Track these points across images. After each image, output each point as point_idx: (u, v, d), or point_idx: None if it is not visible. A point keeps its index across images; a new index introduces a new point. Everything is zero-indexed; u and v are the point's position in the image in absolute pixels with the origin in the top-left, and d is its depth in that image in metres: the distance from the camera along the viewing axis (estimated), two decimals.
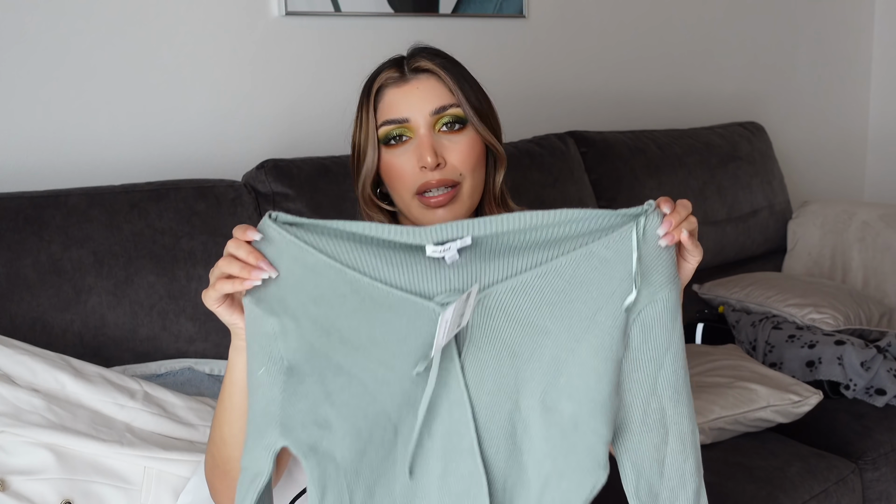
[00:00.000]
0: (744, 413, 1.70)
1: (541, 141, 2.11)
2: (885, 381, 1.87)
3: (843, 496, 1.68)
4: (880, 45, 3.28)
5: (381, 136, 1.12)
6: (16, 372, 1.24)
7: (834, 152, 3.27)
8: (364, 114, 1.14)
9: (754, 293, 2.19)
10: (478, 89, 1.15)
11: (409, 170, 1.10)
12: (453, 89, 1.11)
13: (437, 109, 1.10)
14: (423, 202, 1.11)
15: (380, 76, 1.14)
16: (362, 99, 1.15)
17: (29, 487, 1.16)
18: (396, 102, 1.11)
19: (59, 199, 1.49)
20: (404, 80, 1.12)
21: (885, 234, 2.42)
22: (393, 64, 1.14)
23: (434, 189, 1.10)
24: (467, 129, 1.12)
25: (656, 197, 0.93)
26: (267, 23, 1.89)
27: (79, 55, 1.68)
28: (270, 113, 1.92)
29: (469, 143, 1.12)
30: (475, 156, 1.13)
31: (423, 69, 1.12)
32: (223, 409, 0.98)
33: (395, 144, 1.11)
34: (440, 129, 1.11)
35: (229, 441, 0.98)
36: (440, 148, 1.10)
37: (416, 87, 1.11)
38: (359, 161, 1.15)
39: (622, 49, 2.56)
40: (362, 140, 1.14)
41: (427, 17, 2.11)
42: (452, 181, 1.10)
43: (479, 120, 1.12)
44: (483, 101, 1.15)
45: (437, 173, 1.09)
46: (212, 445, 1.02)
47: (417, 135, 1.10)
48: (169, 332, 1.52)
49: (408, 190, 1.11)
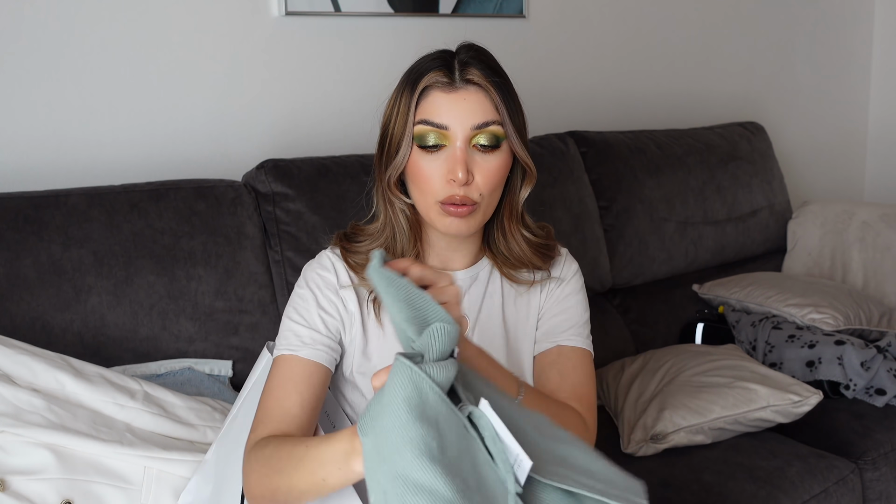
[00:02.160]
0: (744, 413, 1.70)
1: (541, 141, 2.11)
2: (885, 381, 1.88)
3: (843, 496, 1.68)
4: (880, 45, 3.28)
5: (416, 134, 1.11)
6: (16, 372, 1.24)
7: (834, 152, 3.27)
8: (403, 104, 1.12)
9: (754, 293, 2.19)
10: (518, 106, 1.15)
11: (437, 178, 1.10)
12: (499, 106, 1.10)
13: (480, 125, 1.10)
14: (442, 209, 1.12)
15: (429, 74, 1.11)
16: (405, 88, 1.13)
17: (29, 487, 1.16)
18: (440, 108, 1.10)
19: (59, 199, 1.49)
20: (453, 87, 1.10)
21: (885, 234, 2.42)
22: (443, 64, 1.12)
23: (457, 202, 1.11)
24: (501, 148, 1.12)
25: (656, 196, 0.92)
26: (267, 23, 1.89)
27: (79, 55, 1.68)
28: (270, 113, 1.92)
29: (498, 164, 1.12)
30: (500, 177, 1.13)
31: (474, 82, 1.10)
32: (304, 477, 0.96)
33: (429, 150, 1.11)
34: (475, 144, 1.10)
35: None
36: (471, 164, 1.10)
37: (463, 98, 1.10)
38: (389, 149, 1.14)
39: (622, 49, 2.56)
40: (397, 131, 1.13)
41: (427, 17, 2.11)
42: (473, 201, 1.11)
43: (518, 137, 1.12)
44: (522, 118, 1.15)
45: (462, 189, 1.10)
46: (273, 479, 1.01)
47: (453, 146, 1.10)
48: (169, 332, 1.52)
49: (431, 195, 1.12)
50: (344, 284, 1.19)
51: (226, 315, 1.57)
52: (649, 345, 2.16)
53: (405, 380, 0.78)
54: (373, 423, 0.80)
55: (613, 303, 2.22)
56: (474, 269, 1.24)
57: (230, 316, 1.58)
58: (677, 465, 1.65)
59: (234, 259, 1.60)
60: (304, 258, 1.66)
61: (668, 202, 2.27)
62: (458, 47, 1.15)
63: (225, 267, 1.58)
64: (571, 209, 2.08)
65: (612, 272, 2.20)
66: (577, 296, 1.28)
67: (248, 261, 1.61)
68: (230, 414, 1.31)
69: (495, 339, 1.23)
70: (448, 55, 1.14)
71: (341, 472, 0.90)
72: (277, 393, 1.12)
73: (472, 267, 1.24)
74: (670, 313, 2.25)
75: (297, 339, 1.15)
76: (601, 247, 2.15)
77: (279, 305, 1.66)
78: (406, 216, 1.17)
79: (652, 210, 2.24)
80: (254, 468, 1.05)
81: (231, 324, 1.58)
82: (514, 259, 1.22)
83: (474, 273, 1.24)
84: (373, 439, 0.79)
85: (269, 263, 1.67)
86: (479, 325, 1.23)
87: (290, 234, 1.69)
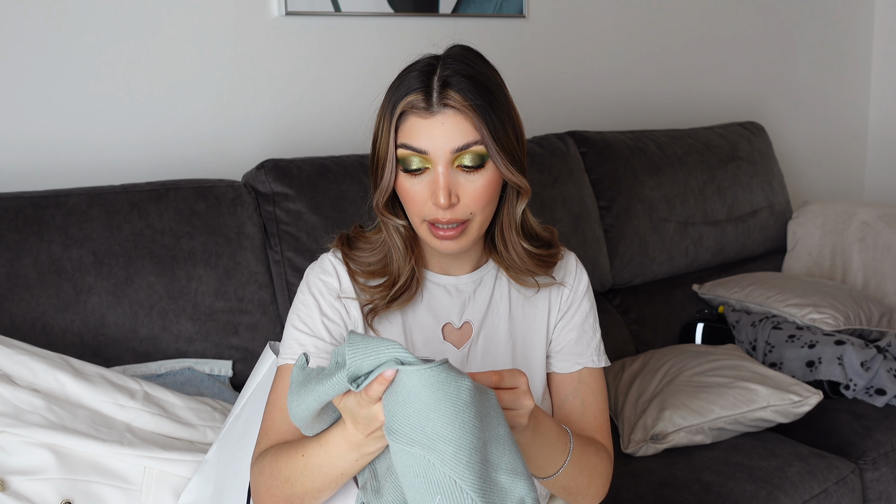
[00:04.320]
0: (744, 413, 1.70)
1: (541, 141, 2.11)
2: (885, 381, 1.88)
3: (843, 496, 1.68)
4: (880, 45, 3.28)
5: (399, 157, 1.09)
6: (16, 372, 1.24)
7: (834, 152, 3.27)
8: (385, 125, 1.10)
9: (754, 293, 2.19)
10: (507, 121, 1.10)
11: (421, 199, 1.09)
12: (478, 126, 1.06)
13: (460, 147, 1.07)
14: (432, 230, 1.10)
15: (405, 99, 1.08)
16: (385, 109, 1.11)
17: (29, 487, 1.16)
18: (419, 132, 1.07)
19: (59, 199, 1.49)
20: (430, 112, 1.06)
21: (885, 234, 2.42)
22: (421, 86, 1.07)
23: (443, 224, 1.09)
24: (486, 166, 1.09)
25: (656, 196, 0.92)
26: (267, 23, 1.89)
27: (79, 56, 1.68)
28: (270, 113, 1.92)
29: (485, 183, 1.09)
30: (489, 194, 1.10)
31: (451, 105, 1.06)
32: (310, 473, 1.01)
33: (413, 173, 1.09)
34: (458, 165, 1.08)
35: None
36: (455, 186, 1.08)
37: (440, 123, 1.06)
38: (377, 171, 1.13)
39: (622, 49, 2.56)
40: (381, 153, 1.11)
41: (427, 17, 2.11)
42: (462, 220, 1.09)
43: (503, 156, 1.08)
44: (511, 132, 1.10)
45: (448, 213, 1.08)
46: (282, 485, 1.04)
47: (435, 169, 1.07)
48: (169, 332, 1.52)
49: (418, 215, 1.10)
50: (346, 289, 1.18)
51: (226, 315, 1.57)
52: (649, 345, 2.16)
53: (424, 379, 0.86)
54: (400, 427, 0.86)
55: (613, 303, 2.22)
56: (478, 274, 1.22)
57: (230, 316, 1.58)
58: (677, 465, 1.65)
59: (234, 259, 1.59)
60: (304, 258, 1.67)
61: (668, 202, 2.27)
62: (445, 54, 1.12)
63: (225, 267, 1.58)
64: (571, 209, 2.08)
65: (612, 272, 2.20)
66: (592, 312, 1.27)
67: (248, 261, 1.61)
68: (232, 414, 1.31)
69: (501, 346, 1.21)
70: (430, 70, 1.09)
71: (358, 463, 0.98)
72: (282, 403, 1.12)
73: (476, 271, 1.22)
74: (670, 313, 2.25)
75: (301, 349, 1.15)
76: (601, 247, 2.15)
77: (279, 305, 1.66)
78: (401, 234, 1.16)
79: (652, 210, 2.24)
80: (260, 481, 1.06)
81: (231, 324, 1.58)
82: (515, 268, 1.21)
83: (478, 277, 1.22)
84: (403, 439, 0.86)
85: (269, 263, 1.67)
86: (485, 331, 1.21)
87: (290, 234, 1.69)
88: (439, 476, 0.83)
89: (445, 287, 1.19)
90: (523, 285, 1.21)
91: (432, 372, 0.85)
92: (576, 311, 1.25)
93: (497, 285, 1.23)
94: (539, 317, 1.24)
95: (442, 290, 1.19)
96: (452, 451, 0.83)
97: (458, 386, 0.85)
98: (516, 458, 0.88)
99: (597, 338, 1.27)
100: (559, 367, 1.24)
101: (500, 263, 1.21)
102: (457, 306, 1.20)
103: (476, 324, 1.21)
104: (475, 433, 0.85)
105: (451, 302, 1.19)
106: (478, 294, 1.21)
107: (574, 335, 1.24)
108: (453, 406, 0.84)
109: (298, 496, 1.02)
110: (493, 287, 1.22)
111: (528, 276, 1.21)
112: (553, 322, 1.25)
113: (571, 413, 1.23)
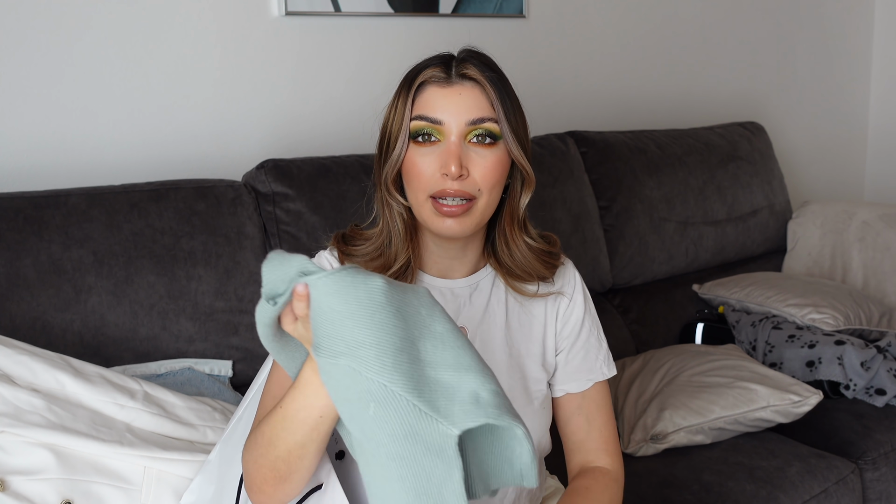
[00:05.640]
0: (744, 413, 1.70)
1: (541, 141, 2.11)
2: (885, 381, 1.88)
3: (843, 496, 1.68)
4: (880, 45, 3.28)
5: (412, 130, 1.11)
6: (16, 372, 1.24)
7: (834, 152, 3.27)
8: (401, 102, 1.12)
9: (754, 293, 2.19)
10: (518, 109, 1.14)
11: (429, 171, 1.10)
12: (494, 103, 1.10)
13: (474, 120, 1.09)
14: (436, 207, 1.10)
15: (425, 71, 1.12)
16: (402, 87, 1.14)
17: (29, 487, 1.16)
18: (435, 102, 1.10)
19: (59, 199, 1.49)
20: (448, 82, 1.10)
21: (885, 234, 2.42)
22: (440, 62, 1.12)
23: (450, 198, 1.09)
24: (498, 145, 1.11)
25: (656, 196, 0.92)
26: (267, 23, 1.89)
27: (79, 55, 1.68)
28: (270, 113, 1.92)
29: (496, 161, 1.11)
30: (498, 174, 1.12)
31: (470, 77, 1.10)
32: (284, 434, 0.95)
33: (423, 143, 1.10)
34: (471, 139, 1.10)
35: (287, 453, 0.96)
36: (466, 159, 1.09)
37: (458, 93, 1.10)
38: (387, 147, 1.14)
39: (622, 49, 2.56)
40: (394, 128, 1.13)
41: (427, 17, 2.11)
42: (470, 195, 1.10)
43: (514, 139, 1.11)
44: (521, 121, 1.14)
45: (456, 183, 1.08)
46: (265, 454, 0.98)
47: (447, 140, 1.09)
48: (169, 332, 1.52)
49: (424, 191, 1.10)
50: None
51: (226, 315, 1.57)
52: (649, 345, 2.16)
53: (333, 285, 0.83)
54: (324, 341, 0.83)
55: (613, 303, 2.23)
56: (475, 278, 1.21)
57: (230, 316, 1.58)
58: (677, 465, 1.65)
59: (234, 259, 1.60)
60: None
61: (668, 202, 2.27)
62: (459, 51, 1.16)
63: (225, 267, 1.58)
64: (571, 209, 2.08)
65: (612, 272, 2.20)
66: (595, 324, 1.26)
67: (248, 261, 1.61)
68: (235, 415, 1.31)
69: (496, 353, 1.20)
70: (447, 54, 1.15)
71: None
72: (276, 392, 1.12)
73: (473, 276, 1.21)
74: (670, 313, 2.25)
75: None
76: (601, 247, 2.15)
77: None
78: (403, 219, 1.15)
79: (652, 210, 2.24)
80: (248, 458, 1.01)
81: (231, 324, 1.58)
82: (518, 269, 1.19)
83: (474, 282, 1.21)
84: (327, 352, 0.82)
85: None
86: (480, 337, 1.20)
87: (290, 233, 1.69)
88: (368, 383, 0.80)
89: (441, 291, 1.19)
90: (520, 293, 1.20)
91: (336, 276, 0.82)
92: (580, 331, 1.24)
93: (494, 291, 1.22)
94: (536, 326, 1.23)
95: (437, 293, 1.18)
96: (375, 355, 0.80)
97: (369, 287, 0.82)
98: (462, 353, 0.84)
99: (603, 348, 1.26)
100: (571, 387, 1.23)
101: (499, 269, 1.20)
102: (451, 311, 1.18)
103: (471, 329, 1.20)
104: (396, 333, 0.81)
105: (446, 306, 1.18)
106: (474, 299, 1.20)
107: (582, 354, 1.24)
108: (367, 309, 0.81)
109: (283, 459, 0.95)
110: (490, 293, 1.21)
111: (528, 279, 1.20)
112: (550, 332, 1.24)
113: (577, 431, 1.23)
